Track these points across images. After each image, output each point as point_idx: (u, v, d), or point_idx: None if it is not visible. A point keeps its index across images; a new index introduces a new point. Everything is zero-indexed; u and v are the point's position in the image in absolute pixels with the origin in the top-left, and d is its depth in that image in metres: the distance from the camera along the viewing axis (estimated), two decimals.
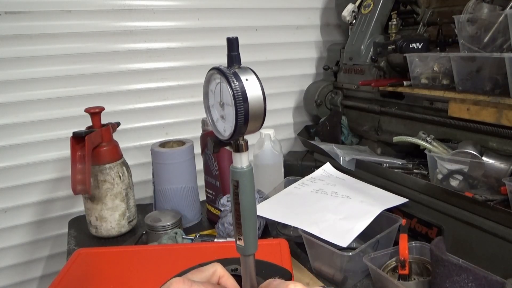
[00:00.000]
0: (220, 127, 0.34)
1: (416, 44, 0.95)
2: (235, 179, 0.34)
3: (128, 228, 0.96)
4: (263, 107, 0.32)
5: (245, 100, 0.31)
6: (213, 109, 0.35)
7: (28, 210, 1.08)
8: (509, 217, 0.66)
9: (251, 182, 0.35)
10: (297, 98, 1.39)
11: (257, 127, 0.33)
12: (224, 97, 0.32)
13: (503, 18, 0.75)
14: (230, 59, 0.32)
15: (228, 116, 0.32)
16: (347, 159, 1.00)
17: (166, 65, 1.16)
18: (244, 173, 0.34)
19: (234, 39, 0.32)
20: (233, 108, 0.31)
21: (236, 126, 0.31)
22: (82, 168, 0.85)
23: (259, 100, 0.32)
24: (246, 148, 0.34)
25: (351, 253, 0.67)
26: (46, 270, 1.13)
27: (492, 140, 0.80)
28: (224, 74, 0.31)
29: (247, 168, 0.34)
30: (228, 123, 0.33)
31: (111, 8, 1.06)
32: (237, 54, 0.32)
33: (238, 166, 0.34)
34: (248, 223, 0.35)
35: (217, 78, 0.33)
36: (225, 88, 0.31)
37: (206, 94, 0.35)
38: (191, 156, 0.98)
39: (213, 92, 0.34)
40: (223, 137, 0.34)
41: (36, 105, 1.03)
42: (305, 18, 1.34)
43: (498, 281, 0.58)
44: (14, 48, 0.98)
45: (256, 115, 0.32)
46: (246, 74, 0.32)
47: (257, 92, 0.32)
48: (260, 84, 0.32)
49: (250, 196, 0.35)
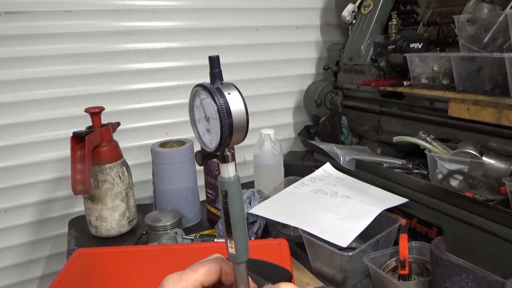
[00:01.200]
0: (207, 140, 0.36)
1: (416, 44, 0.95)
2: (224, 189, 0.36)
3: (128, 228, 0.96)
4: (246, 119, 0.34)
5: (229, 113, 0.33)
6: (199, 124, 0.37)
7: (28, 210, 1.08)
8: (509, 217, 0.66)
9: (239, 191, 0.36)
10: (297, 98, 1.39)
11: (241, 138, 0.35)
12: (209, 111, 0.34)
13: (503, 18, 0.75)
14: (213, 76, 0.35)
15: (213, 129, 0.34)
16: (347, 159, 1.00)
17: (166, 65, 1.16)
18: (231, 182, 0.36)
19: (215, 57, 0.34)
20: (218, 121, 0.33)
21: (222, 138, 0.33)
22: (82, 168, 0.85)
23: (241, 113, 0.34)
24: (232, 159, 0.36)
25: (351, 253, 0.67)
26: (46, 270, 1.13)
27: (492, 140, 0.80)
28: (208, 90, 0.33)
29: (234, 177, 0.36)
30: (213, 136, 0.35)
31: (111, 8, 1.06)
32: (219, 71, 0.34)
33: (225, 176, 0.36)
34: (238, 231, 0.37)
35: (202, 94, 0.35)
36: (209, 103, 0.34)
37: (192, 110, 0.37)
38: (191, 156, 0.98)
39: (198, 108, 0.36)
40: (209, 149, 0.36)
41: (36, 105, 1.03)
42: (305, 18, 1.34)
43: (498, 281, 0.58)
44: (14, 48, 0.98)
45: (239, 127, 0.34)
46: (229, 89, 0.34)
47: (239, 105, 0.34)
48: (242, 98, 0.34)
49: (238, 205, 0.36)
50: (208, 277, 0.38)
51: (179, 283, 0.37)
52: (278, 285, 0.35)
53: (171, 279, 0.37)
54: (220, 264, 0.39)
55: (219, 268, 0.39)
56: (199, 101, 0.36)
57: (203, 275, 0.38)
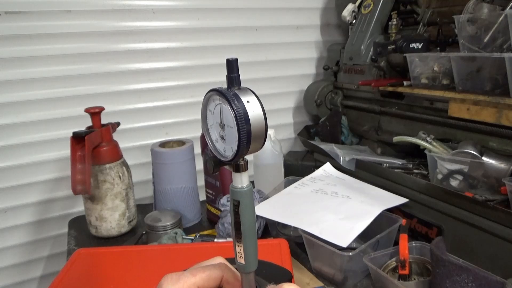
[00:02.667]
0: (220, 147, 0.34)
1: (416, 44, 0.95)
2: (236, 198, 0.34)
3: (128, 228, 0.96)
4: (265, 128, 0.32)
5: (247, 122, 0.31)
6: (212, 130, 0.35)
7: (28, 210, 1.08)
8: (509, 217, 0.66)
9: (251, 201, 0.35)
10: (297, 98, 1.39)
11: (259, 147, 0.33)
12: (225, 118, 0.32)
13: (503, 18, 0.75)
14: (230, 80, 0.32)
15: (228, 137, 0.33)
16: (347, 159, 1.00)
17: (166, 65, 1.16)
18: (244, 192, 0.34)
19: (234, 60, 0.32)
20: (236, 129, 0.31)
21: (239, 147, 0.31)
22: (82, 168, 0.85)
23: (260, 121, 0.32)
24: (246, 168, 0.34)
25: (351, 253, 0.67)
26: (46, 270, 1.13)
27: (492, 140, 0.80)
28: (225, 96, 0.31)
29: (247, 187, 0.34)
30: (228, 144, 0.33)
31: (111, 8, 1.06)
32: (237, 75, 0.32)
33: (238, 186, 0.34)
34: (249, 241, 0.35)
35: (217, 100, 0.33)
36: (226, 109, 0.31)
37: (205, 115, 0.35)
38: (191, 156, 0.98)
39: (212, 113, 0.34)
40: (223, 158, 0.34)
41: (36, 105, 1.03)
42: (305, 18, 1.34)
43: (498, 281, 0.58)
44: (14, 48, 0.98)
45: (258, 136, 0.32)
46: (247, 95, 0.32)
47: (258, 113, 0.32)
48: (261, 105, 0.32)
49: (250, 215, 0.35)
50: (207, 283, 0.38)
51: (177, 284, 0.36)
52: (281, 285, 0.35)
53: (170, 278, 0.37)
54: (222, 272, 0.38)
55: (220, 276, 0.38)
56: (214, 105, 0.33)
57: (201, 280, 0.37)
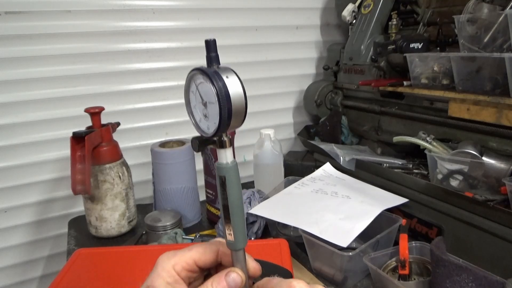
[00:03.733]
0: (204, 126, 0.36)
1: (416, 44, 0.95)
2: (222, 175, 0.35)
3: (128, 228, 0.96)
4: (244, 103, 0.34)
5: (228, 97, 0.33)
6: (196, 110, 0.37)
7: (28, 210, 1.08)
8: (509, 217, 0.66)
9: (237, 177, 0.36)
10: (297, 98, 1.39)
11: (240, 122, 0.35)
12: (207, 96, 0.34)
13: (503, 18, 0.75)
14: (210, 59, 0.34)
15: (211, 114, 0.34)
16: (347, 159, 1.00)
17: (166, 65, 1.16)
18: (229, 168, 0.35)
19: (212, 41, 0.35)
20: (217, 105, 0.33)
21: (220, 122, 0.33)
22: (82, 168, 0.85)
23: (240, 97, 0.33)
24: (230, 144, 0.36)
25: (351, 253, 0.67)
26: (46, 270, 1.13)
27: (492, 140, 0.80)
28: (206, 73, 0.33)
29: (232, 163, 0.36)
30: (211, 121, 0.34)
31: (111, 8, 1.06)
32: (215, 55, 0.34)
33: (223, 162, 0.36)
34: (237, 217, 0.36)
35: (199, 79, 0.35)
36: (207, 87, 0.33)
37: (188, 97, 0.38)
38: (191, 156, 0.98)
39: (194, 93, 0.36)
40: (207, 135, 0.36)
41: (36, 105, 1.03)
42: (305, 18, 1.34)
43: (498, 281, 0.58)
44: (14, 48, 0.98)
45: (238, 111, 0.34)
46: (226, 72, 0.34)
47: (238, 89, 0.33)
48: (240, 82, 0.34)
49: (237, 191, 0.36)
50: (203, 256, 0.38)
51: (173, 258, 0.37)
52: (290, 281, 0.35)
53: (166, 254, 0.38)
54: (217, 246, 0.39)
55: (215, 250, 0.39)
56: (195, 86, 0.36)
57: (197, 253, 0.38)
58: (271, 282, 0.37)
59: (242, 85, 0.34)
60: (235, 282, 0.37)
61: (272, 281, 0.37)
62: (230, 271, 0.37)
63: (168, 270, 0.37)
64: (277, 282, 0.36)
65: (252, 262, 0.39)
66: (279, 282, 0.36)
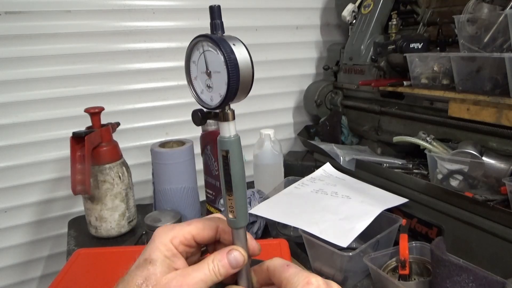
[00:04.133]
0: (206, 98, 0.34)
1: (416, 44, 0.95)
2: (225, 149, 0.34)
3: (128, 228, 0.96)
4: (252, 72, 0.33)
5: (236, 64, 0.31)
6: (197, 81, 0.35)
7: (28, 210, 1.08)
8: (509, 217, 0.66)
9: (240, 151, 0.35)
10: (297, 98, 1.39)
11: (246, 92, 0.34)
12: (213, 64, 0.33)
13: (503, 18, 0.75)
14: (214, 26, 0.33)
15: (216, 84, 0.33)
16: (347, 159, 1.00)
17: (166, 65, 1.16)
18: (233, 141, 0.34)
19: (216, 6, 0.33)
20: (224, 73, 0.31)
21: (228, 91, 0.32)
22: (81, 168, 0.85)
23: (248, 64, 0.33)
24: (233, 117, 0.35)
25: (351, 253, 0.67)
26: (46, 270, 1.13)
27: (492, 140, 0.80)
28: (213, 40, 0.32)
29: (235, 137, 0.35)
30: (215, 91, 0.33)
31: (111, 8, 1.06)
32: (220, 21, 0.33)
33: (226, 135, 0.34)
34: (240, 194, 0.35)
35: (204, 46, 0.33)
36: (213, 54, 0.32)
37: (188, 68, 0.36)
38: (191, 156, 0.98)
39: (196, 63, 0.35)
40: (209, 107, 0.34)
41: (36, 105, 1.03)
42: (305, 18, 1.34)
43: (498, 281, 0.58)
44: (14, 48, 0.98)
45: (246, 80, 0.33)
46: (233, 40, 0.32)
47: (245, 56, 0.32)
48: (247, 49, 0.33)
49: (240, 166, 0.35)
50: (202, 232, 0.38)
51: (171, 231, 0.37)
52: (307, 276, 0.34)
53: (164, 228, 0.37)
54: (216, 223, 0.38)
55: (215, 226, 0.38)
56: (199, 55, 0.34)
57: (196, 228, 0.37)
58: (287, 270, 0.35)
59: (249, 53, 0.33)
60: (236, 261, 0.36)
61: (289, 270, 0.35)
62: (232, 249, 0.36)
63: (166, 244, 0.36)
64: (294, 273, 0.35)
65: (252, 240, 0.39)
66: (296, 274, 0.35)
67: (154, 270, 0.34)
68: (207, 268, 0.35)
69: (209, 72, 0.33)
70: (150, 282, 0.34)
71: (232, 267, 0.36)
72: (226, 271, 0.36)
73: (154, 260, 0.35)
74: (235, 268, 0.36)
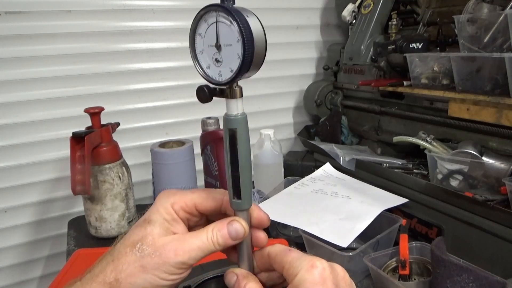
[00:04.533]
0: (213, 73, 0.32)
1: (416, 44, 0.95)
2: (233, 127, 0.32)
3: (128, 229, 0.95)
4: (265, 44, 0.31)
5: (251, 35, 0.30)
6: (203, 56, 0.33)
7: (28, 210, 1.08)
8: (509, 217, 0.66)
9: (247, 130, 0.33)
10: (297, 98, 1.39)
11: (258, 66, 0.32)
12: (225, 37, 0.31)
13: (503, 18, 0.75)
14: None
15: (226, 58, 0.31)
16: (347, 159, 1.00)
17: (166, 65, 1.16)
18: (241, 120, 0.33)
19: None
20: (239, 45, 0.29)
21: (242, 64, 0.30)
22: (81, 168, 0.84)
23: (262, 37, 0.31)
24: (241, 94, 0.33)
25: (351, 253, 0.67)
26: (46, 270, 1.13)
27: (492, 140, 0.80)
28: (227, 10, 0.30)
29: (243, 115, 0.33)
30: (225, 66, 0.31)
31: (111, 8, 1.06)
32: None
33: (233, 113, 0.33)
34: (246, 174, 0.34)
35: (211, 19, 0.31)
36: (224, 26, 0.30)
37: (193, 41, 0.33)
38: (191, 156, 0.98)
39: (202, 36, 0.32)
40: (217, 83, 0.32)
41: (36, 105, 1.03)
42: (305, 18, 1.34)
43: (498, 281, 0.58)
44: (14, 48, 0.98)
45: (259, 53, 0.31)
46: (246, 11, 0.31)
47: (259, 28, 0.31)
48: (259, 21, 0.31)
49: (247, 145, 0.33)
50: (205, 201, 0.37)
51: (173, 196, 0.37)
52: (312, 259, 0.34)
53: (166, 192, 0.37)
54: (222, 195, 0.38)
55: (219, 198, 0.38)
56: (206, 26, 0.31)
57: (199, 198, 0.37)
58: (289, 254, 0.35)
59: (263, 26, 0.31)
60: (237, 232, 0.35)
61: (291, 254, 0.35)
62: (234, 221, 0.36)
63: (166, 207, 0.36)
64: (297, 256, 0.35)
65: (260, 211, 0.38)
66: (299, 258, 0.34)
67: (151, 231, 0.35)
68: (205, 236, 0.35)
69: (219, 45, 0.31)
70: (146, 241, 0.34)
71: (231, 238, 0.35)
72: (225, 242, 0.35)
73: (153, 221, 0.35)
74: (234, 240, 0.36)
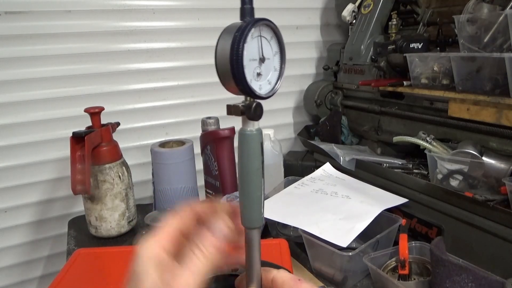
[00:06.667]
0: (255, 87, 0.32)
1: (416, 44, 0.95)
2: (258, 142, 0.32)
3: (128, 228, 0.96)
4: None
5: (284, 46, 0.32)
6: (247, 71, 0.32)
7: (28, 210, 1.08)
8: (509, 217, 0.66)
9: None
10: (297, 98, 1.39)
11: None
12: (266, 50, 0.31)
13: (503, 18, 0.75)
14: (244, 12, 0.33)
15: (265, 71, 0.31)
16: (347, 159, 1.00)
17: (166, 65, 1.16)
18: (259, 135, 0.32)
19: None
20: (277, 57, 0.31)
21: (280, 75, 0.32)
22: (81, 168, 0.85)
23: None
24: None
25: (351, 253, 0.67)
26: (46, 270, 1.13)
27: (492, 140, 0.80)
28: (273, 24, 0.32)
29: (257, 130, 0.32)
30: (263, 79, 0.32)
31: (111, 8, 1.06)
32: (251, 6, 0.33)
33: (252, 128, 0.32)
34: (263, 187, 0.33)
35: (256, 31, 0.32)
36: (264, 40, 0.31)
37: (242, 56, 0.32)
38: (191, 156, 0.98)
39: (247, 51, 0.32)
40: (260, 96, 0.32)
41: (36, 105, 1.03)
42: (305, 18, 1.34)
43: (498, 281, 0.58)
44: (14, 48, 0.98)
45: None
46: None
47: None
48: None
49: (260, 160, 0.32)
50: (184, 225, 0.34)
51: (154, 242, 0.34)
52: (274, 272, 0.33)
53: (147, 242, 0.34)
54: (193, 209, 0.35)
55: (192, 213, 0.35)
56: (250, 39, 0.31)
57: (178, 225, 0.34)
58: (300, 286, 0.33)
59: None
60: (219, 229, 0.32)
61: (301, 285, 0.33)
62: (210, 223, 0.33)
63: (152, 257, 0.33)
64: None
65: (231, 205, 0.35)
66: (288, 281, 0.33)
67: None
68: (194, 257, 0.31)
69: (263, 58, 0.31)
70: None
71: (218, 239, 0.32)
72: (214, 248, 0.32)
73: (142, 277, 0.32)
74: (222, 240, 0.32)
